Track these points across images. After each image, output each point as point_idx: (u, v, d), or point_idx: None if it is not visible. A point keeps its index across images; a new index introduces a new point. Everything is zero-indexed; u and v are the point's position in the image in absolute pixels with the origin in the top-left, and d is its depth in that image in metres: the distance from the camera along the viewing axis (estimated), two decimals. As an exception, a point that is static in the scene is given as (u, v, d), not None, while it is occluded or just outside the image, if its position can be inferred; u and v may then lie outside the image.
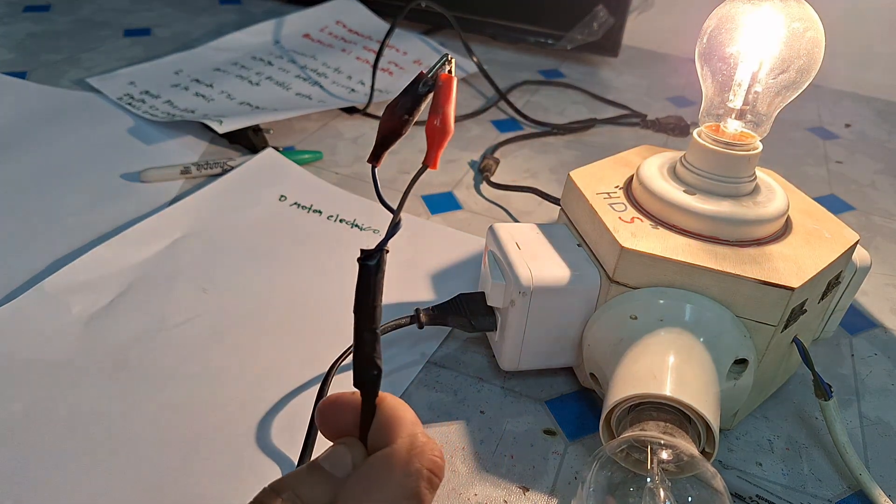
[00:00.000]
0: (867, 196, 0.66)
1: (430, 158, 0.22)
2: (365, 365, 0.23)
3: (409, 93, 0.22)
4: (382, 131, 0.22)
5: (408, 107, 0.22)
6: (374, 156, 0.22)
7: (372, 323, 0.22)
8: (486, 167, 0.61)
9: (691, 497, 0.29)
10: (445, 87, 0.22)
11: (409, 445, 0.22)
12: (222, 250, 0.49)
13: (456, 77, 0.22)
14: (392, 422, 0.23)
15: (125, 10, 0.93)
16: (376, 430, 0.23)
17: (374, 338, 0.22)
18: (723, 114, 0.38)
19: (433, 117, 0.22)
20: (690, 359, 0.33)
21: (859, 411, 0.41)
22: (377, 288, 0.22)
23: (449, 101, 0.22)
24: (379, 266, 0.22)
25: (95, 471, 0.33)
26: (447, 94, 0.22)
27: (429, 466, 0.22)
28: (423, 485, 0.22)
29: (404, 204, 0.23)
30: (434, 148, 0.22)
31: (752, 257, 0.34)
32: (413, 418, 0.24)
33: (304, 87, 0.73)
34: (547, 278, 0.36)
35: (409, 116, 0.22)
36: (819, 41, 0.36)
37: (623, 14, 0.85)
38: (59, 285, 0.43)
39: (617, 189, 0.39)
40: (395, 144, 0.22)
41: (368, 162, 0.22)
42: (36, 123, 0.62)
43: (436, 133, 0.22)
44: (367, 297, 0.22)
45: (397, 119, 0.22)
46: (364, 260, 0.22)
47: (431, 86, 0.22)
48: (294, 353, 0.41)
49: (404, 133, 0.22)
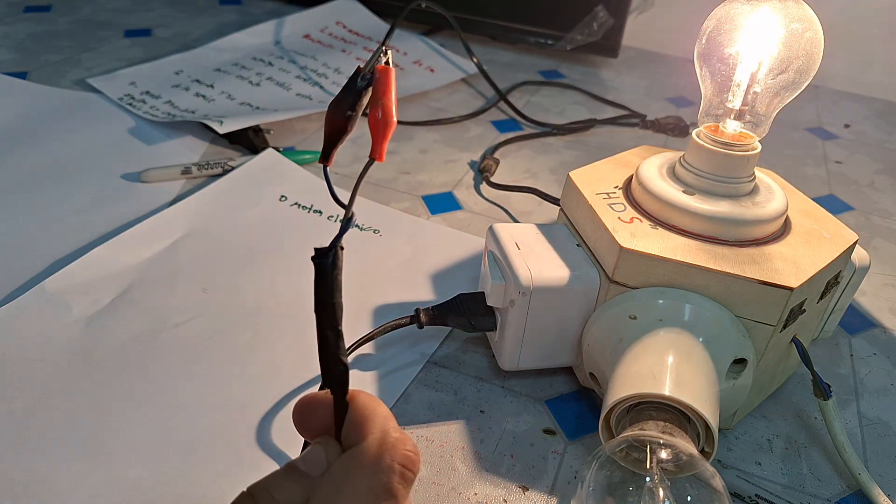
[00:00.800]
0: (866, 196, 0.66)
1: (375, 151, 0.22)
2: (331, 363, 0.23)
3: (349, 89, 0.22)
4: (328, 130, 0.22)
5: (350, 103, 0.22)
6: (325, 156, 0.22)
7: (333, 320, 0.22)
8: (486, 167, 0.61)
9: (690, 496, 0.29)
10: (383, 79, 0.22)
11: (379, 441, 0.22)
12: (222, 250, 0.49)
13: (393, 69, 0.22)
14: (364, 418, 0.23)
15: (126, 10, 0.93)
16: (349, 428, 0.23)
17: (337, 335, 0.22)
18: (722, 114, 0.38)
19: (374, 110, 0.22)
20: (690, 359, 0.33)
21: (858, 411, 0.41)
22: (334, 285, 0.22)
23: (388, 92, 0.22)
24: (334, 263, 0.22)
25: (95, 471, 0.33)
26: (386, 86, 0.22)
27: (401, 461, 0.22)
28: (396, 479, 0.22)
29: (355, 199, 0.23)
30: (379, 140, 0.22)
31: (752, 257, 0.34)
32: (385, 413, 0.24)
33: (304, 88, 0.73)
34: (546, 278, 0.36)
35: (353, 112, 0.22)
36: (818, 42, 0.36)
37: (623, 14, 0.85)
38: (59, 285, 0.43)
39: (616, 189, 0.39)
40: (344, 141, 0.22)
41: (320, 162, 0.22)
42: (36, 124, 0.62)
43: (378, 125, 0.22)
44: (325, 295, 0.22)
45: (341, 116, 0.22)
46: (318, 258, 0.22)
47: (370, 79, 0.22)
48: (294, 352, 0.41)
49: (350, 130, 0.22)
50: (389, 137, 0.22)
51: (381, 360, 0.41)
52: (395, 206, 0.56)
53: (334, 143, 0.22)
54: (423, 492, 0.34)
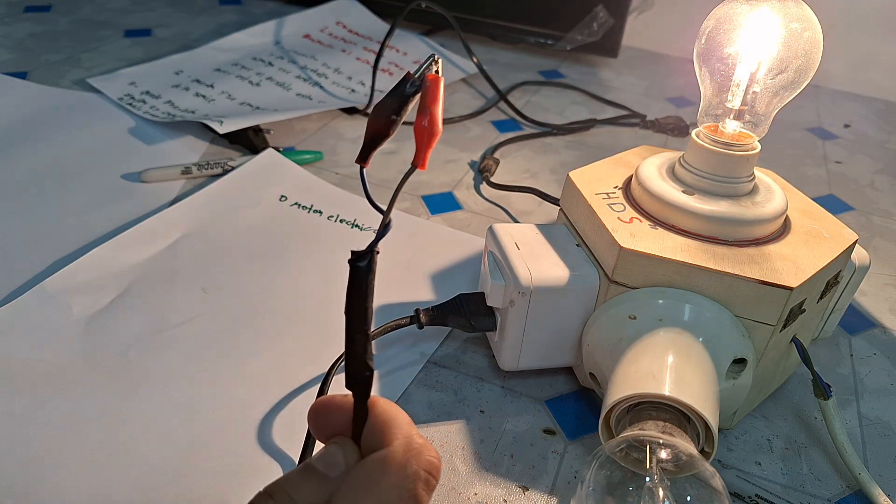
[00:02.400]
0: (866, 196, 0.66)
1: (419, 159, 0.22)
2: (357, 367, 0.22)
3: (397, 93, 0.22)
4: (370, 132, 0.22)
5: (395, 107, 0.22)
6: (362, 157, 0.22)
7: (364, 325, 0.22)
8: (485, 167, 0.61)
9: (690, 496, 0.29)
10: (433, 87, 0.22)
11: (405, 447, 0.22)
12: (222, 250, 0.49)
13: (443, 77, 0.22)
14: (387, 424, 0.23)
15: (126, 10, 0.93)
16: (370, 433, 0.23)
17: (366, 339, 0.22)
18: (721, 114, 0.38)
19: (421, 118, 0.22)
20: (689, 358, 0.33)
21: (858, 411, 0.41)
22: (369, 289, 0.22)
23: (436, 101, 0.22)
24: (370, 267, 0.22)
25: (95, 471, 0.33)
26: (434, 95, 0.22)
27: (426, 468, 0.22)
28: (420, 486, 0.22)
29: (394, 204, 0.22)
30: (423, 148, 0.22)
31: (751, 257, 0.34)
32: (407, 420, 0.24)
33: (304, 88, 0.73)
34: (546, 278, 0.36)
35: (397, 117, 0.22)
36: (817, 41, 0.36)
37: (623, 14, 0.85)
38: (59, 285, 0.43)
39: (616, 189, 0.39)
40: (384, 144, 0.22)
41: (357, 162, 0.22)
42: (36, 124, 0.62)
43: (424, 133, 0.22)
44: (358, 299, 0.22)
45: (384, 120, 0.22)
46: (355, 261, 0.21)
47: (419, 86, 0.22)
48: (294, 353, 0.41)
49: (391, 134, 0.22)
50: (433, 146, 0.22)
51: (381, 360, 0.41)
52: (395, 206, 0.56)
53: (374, 145, 0.22)
54: (422, 492, 0.34)
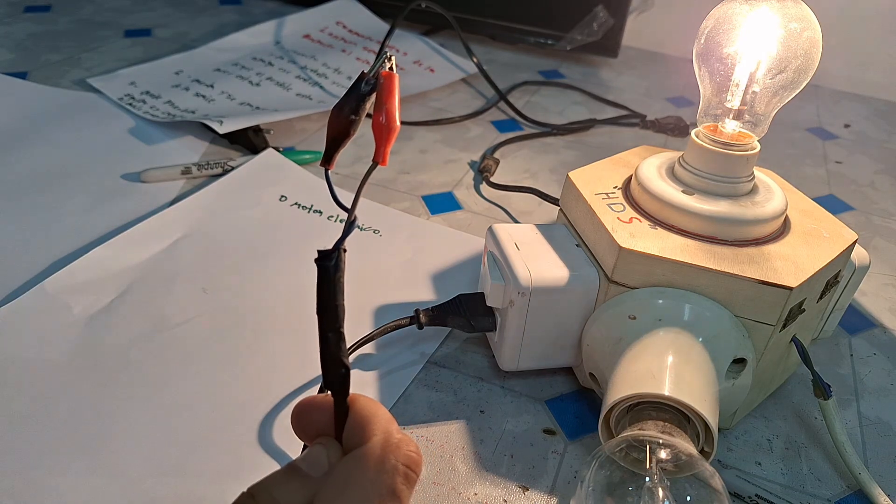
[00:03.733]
0: (866, 196, 0.66)
1: (379, 155, 0.23)
2: (332, 365, 0.23)
3: (353, 93, 0.22)
4: (331, 133, 0.22)
5: (353, 107, 0.22)
6: (326, 159, 0.22)
7: (335, 322, 0.22)
8: (485, 167, 0.61)
9: (690, 496, 0.29)
10: (387, 84, 0.22)
11: (383, 442, 0.22)
12: (222, 250, 0.49)
13: (397, 74, 0.22)
14: (365, 420, 0.23)
15: (125, 10, 0.93)
16: (350, 430, 0.23)
17: (339, 337, 0.23)
18: (721, 114, 0.38)
19: (378, 115, 0.22)
20: (689, 358, 0.33)
21: (858, 411, 0.41)
22: (338, 287, 0.22)
23: (392, 97, 0.22)
24: (338, 266, 0.22)
25: (95, 471, 0.33)
26: (389, 91, 0.22)
27: (404, 462, 0.22)
28: (399, 480, 0.22)
29: (358, 202, 0.23)
30: (382, 144, 0.23)
31: (751, 257, 0.34)
32: (387, 416, 0.24)
33: (304, 88, 0.73)
34: (546, 279, 0.36)
35: (356, 117, 0.22)
36: (816, 41, 0.36)
37: (623, 14, 0.85)
38: (59, 285, 0.43)
39: (616, 189, 0.39)
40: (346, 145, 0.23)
41: (321, 165, 0.23)
42: (36, 124, 0.62)
43: (382, 130, 0.22)
44: (327, 298, 0.22)
45: (344, 120, 0.22)
46: (321, 261, 0.22)
47: (374, 84, 0.22)
48: (294, 352, 0.41)
49: (353, 133, 0.22)
50: (392, 141, 0.23)
51: (381, 361, 0.41)
52: (395, 206, 0.56)
53: (337, 146, 0.22)
54: (423, 492, 0.34)
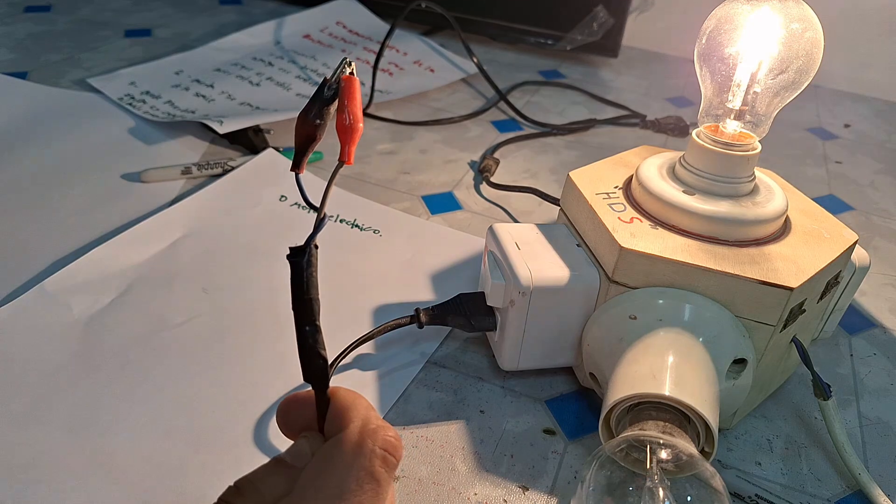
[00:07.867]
0: (866, 196, 0.66)
1: (344, 154, 0.24)
2: (310, 357, 0.24)
3: (317, 99, 0.23)
4: (299, 139, 0.24)
5: (318, 112, 0.23)
6: (296, 164, 0.24)
7: (311, 316, 0.23)
8: (485, 167, 0.61)
9: (690, 496, 0.29)
10: (348, 87, 0.23)
11: (361, 428, 0.23)
12: (222, 250, 0.49)
13: (357, 77, 0.24)
14: (344, 409, 0.24)
15: (125, 10, 0.93)
16: (331, 420, 0.24)
17: (316, 330, 0.24)
18: (722, 114, 0.38)
19: (342, 117, 0.23)
20: (689, 359, 0.33)
21: (858, 411, 0.41)
22: (311, 282, 0.23)
23: (353, 99, 0.23)
24: (309, 261, 0.23)
25: (95, 471, 0.33)
26: (351, 94, 0.23)
27: (382, 446, 0.23)
28: (378, 463, 0.22)
29: (327, 200, 0.24)
30: (347, 144, 0.24)
31: (751, 257, 0.34)
32: (366, 404, 0.24)
33: (304, 88, 0.73)
34: (546, 278, 0.36)
35: (321, 121, 0.23)
36: (818, 42, 0.36)
37: (623, 14, 0.85)
38: (59, 285, 0.43)
39: (616, 189, 0.39)
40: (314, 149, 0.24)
41: (292, 170, 0.24)
42: (36, 124, 0.62)
43: (346, 131, 0.24)
44: (301, 293, 0.23)
45: (310, 125, 0.23)
46: (293, 257, 0.23)
47: (336, 89, 0.23)
48: (294, 352, 0.40)
49: (319, 138, 0.24)
50: (357, 140, 0.24)
51: (381, 360, 0.41)
52: (395, 206, 0.56)
53: (304, 150, 0.24)
54: (423, 492, 0.34)
